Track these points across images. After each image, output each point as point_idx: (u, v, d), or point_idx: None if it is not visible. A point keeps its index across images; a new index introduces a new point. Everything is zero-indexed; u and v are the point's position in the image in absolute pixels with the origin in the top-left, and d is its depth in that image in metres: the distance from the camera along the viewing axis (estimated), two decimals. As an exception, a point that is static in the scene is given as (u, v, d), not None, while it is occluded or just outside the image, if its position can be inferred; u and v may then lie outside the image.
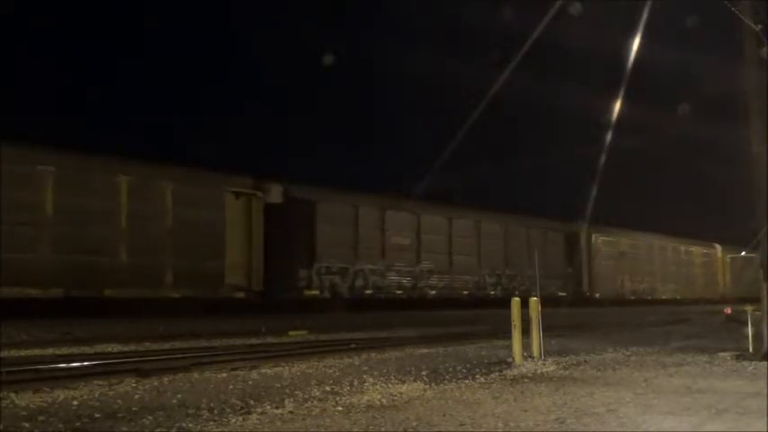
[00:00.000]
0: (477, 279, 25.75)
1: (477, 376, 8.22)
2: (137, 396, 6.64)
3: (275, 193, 19.88)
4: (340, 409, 6.02)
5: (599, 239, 32.17)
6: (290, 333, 14.85)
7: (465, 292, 25.08)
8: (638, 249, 35.02)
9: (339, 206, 21.49)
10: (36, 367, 8.63)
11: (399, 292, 22.96)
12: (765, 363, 9.23)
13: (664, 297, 36.24)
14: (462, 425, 5.31)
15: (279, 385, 7.29)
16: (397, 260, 22.91)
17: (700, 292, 38.08)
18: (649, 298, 35.10)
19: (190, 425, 5.37)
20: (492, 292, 25.94)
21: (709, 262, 40.66)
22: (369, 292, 22.06)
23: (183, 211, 17.63)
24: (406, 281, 23.18)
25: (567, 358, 10.13)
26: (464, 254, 25.18)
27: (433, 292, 24.02)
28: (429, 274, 23.81)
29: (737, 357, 10.10)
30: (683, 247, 38.53)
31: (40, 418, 5.59)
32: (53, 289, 15.46)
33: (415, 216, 23.62)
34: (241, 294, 19.08)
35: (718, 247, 40.74)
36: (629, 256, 34.08)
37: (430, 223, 24.05)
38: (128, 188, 16.82)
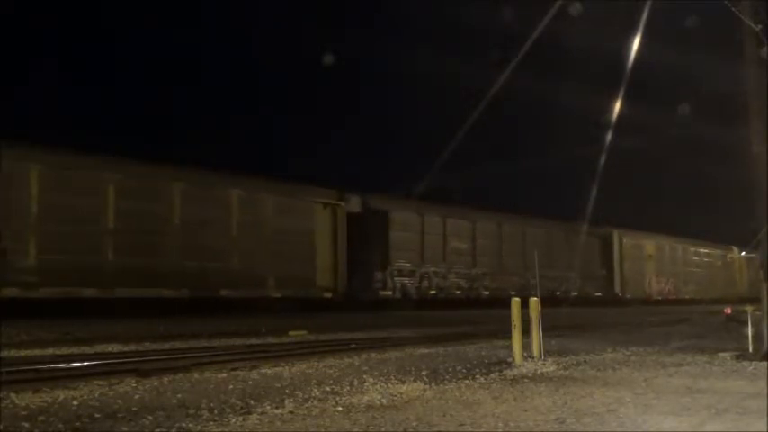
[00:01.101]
0: (523, 280, 27.42)
1: (477, 376, 8.22)
2: (137, 396, 6.64)
3: (354, 204, 22.37)
4: (340, 409, 6.02)
5: (628, 243, 34.24)
6: (290, 333, 14.85)
7: (513, 292, 26.52)
8: (663, 252, 37.20)
9: (408, 215, 23.97)
10: (36, 367, 8.63)
11: (458, 292, 25.28)
12: (765, 363, 9.22)
13: (686, 297, 37.66)
14: (462, 425, 5.31)
15: (279, 385, 7.29)
16: (456, 263, 25.31)
17: (719, 292, 38.79)
18: (673, 298, 36.77)
19: (190, 425, 5.37)
20: (533, 292, 26.60)
21: (728, 263, 42.40)
22: (432, 292, 24.32)
23: (281, 221, 20.06)
24: (463, 282, 25.52)
25: (567, 358, 10.13)
26: (511, 257, 27.53)
27: (486, 293, 26.24)
28: (483, 276, 26.16)
29: (737, 357, 10.09)
30: (702, 250, 40.38)
31: (40, 418, 5.59)
32: (182, 290, 17.68)
33: (470, 223, 26.19)
34: (329, 294, 21.31)
35: (736, 249, 41.89)
36: (654, 259, 36.21)
37: (483, 229, 26.66)
38: (238, 201, 19.18)
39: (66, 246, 15.75)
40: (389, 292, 23.05)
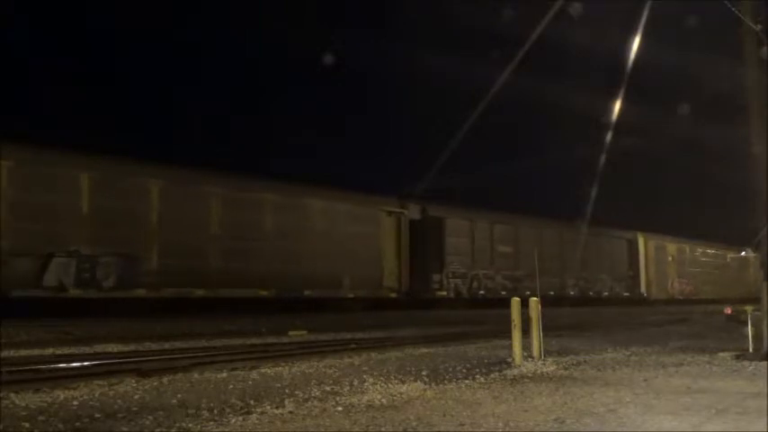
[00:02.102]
0: (560, 281, 29.93)
1: (478, 376, 8.21)
2: (137, 396, 6.64)
3: (414, 211, 24.51)
4: (340, 409, 6.01)
5: (652, 245, 36.16)
6: (290, 333, 14.86)
7: (551, 293, 28.62)
8: (684, 254, 39.11)
9: (460, 221, 25.86)
10: (36, 367, 8.63)
11: (503, 292, 26.66)
12: (765, 363, 9.22)
13: (705, 297, 38.61)
14: (462, 425, 5.31)
15: (279, 385, 7.28)
16: (502, 266, 27.32)
17: (734, 292, 39.29)
18: (694, 298, 38.11)
19: (190, 425, 5.37)
20: (571, 293, 30.62)
21: (743, 265, 43.16)
22: (482, 293, 26.35)
23: (353, 228, 22.15)
24: (508, 283, 27.41)
25: (567, 358, 10.12)
26: (550, 259, 29.23)
27: (528, 293, 27.97)
28: (525, 277, 27.51)
29: (737, 357, 10.09)
30: (718, 252, 42.01)
31: (40, 418, 5.59)
32: (273, 290, 19.64)
33: (514, 228, 28.12)
34: (394, 294, 23.31)
35: (750, 251, 42.59)
36: (676, 261, 38.23)
37: (525, 234, 28.49)
38: (318, 210, 21.35)
39: (180, 251, 17.68)
40: (445, 293, 24.93)
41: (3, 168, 14.80)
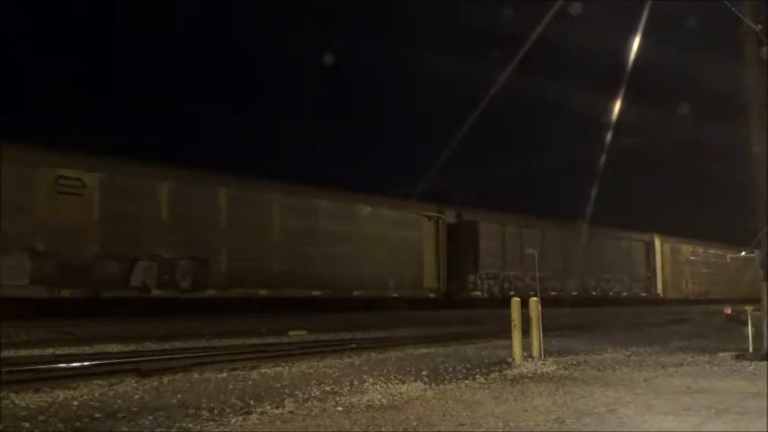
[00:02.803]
0: (582, 282, 31.65)
1: (478, 376, 8.21)
2: (137, 396, 6.64)
3: (450, 216, 26.07)
4: (340, 409, 6.01)
5: (667, 247, 37.76)
6: (290, 333, 14.86)
7: (574, 293, 30.58)
8: (697, 255, 40.68)
9: (492, 226, 27.46)
10: (36, 367, 8.64)
11: (531, 293, 26.37)
12: (765, 363, 9.22)
13: (716, 297, 39.45)
14: (462, 425, 5.31)
15: (279, 385, 7.28)
16: (530, 267, 28.03)
17: (743, 292, 39.72)
18: (704, 298, 39.17)
19: (190, 425, 5.37)
20: (593, 293, 32.27)
21: (746, 265, 43.42)
22: (512, 293, 26.73)
23: (397, 232, 23.87)
24: (535, 284, 27.44)
25: (567, 358, 10.12)
26: (573, 261, 31.10)
27: (554, 293, 29.34)
28: (550, 278, 29.04)
29: (737, 357, 10.09)
30: (728, 254, 42.71)
31: (40, 418, 5.59)
32: (326, 290, 21.25)
33: (540, 232, 29.73)
34: (433, 294, 24.76)
35: (750, 251, 43.24)
36: (690, 263, 39.91)
37: (551, 237, 30.23)
38: (367, 216, 23.00)
39: (246, 255, 19.17)
40: (479, 293, 26.47)
41: (95, 180, 16.45)
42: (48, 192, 15.70)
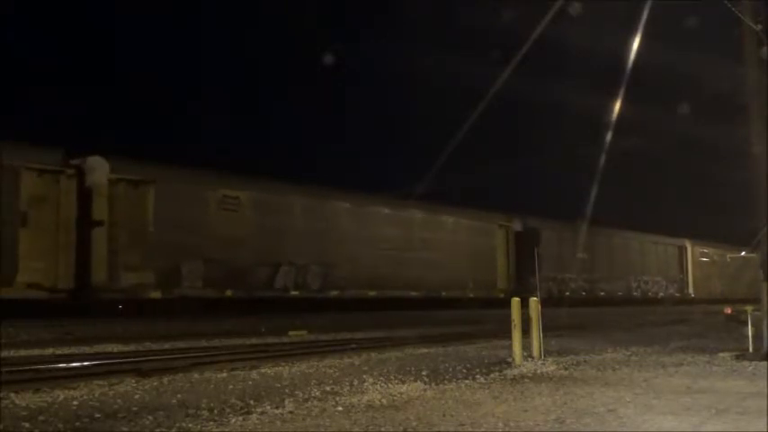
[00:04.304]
0: (626, 283, 34.79)
1: (478, 376, 8.21)
2: (137, 396, 6.64)
3: (517, 224, 28.81)
4: (340, 409, 6.01)
5: (696, 251, 40.60)
6: (290, 333, 14.85)
7: (619, 293, 33.97)
8: (722, 257, 43.05)
9: (551, 233, 29.90)
10: (36, 367, 8.63)
11: (583, 293, 31.59)
12: (765, 363, 9.22)
13: (737, 297, 40.26)
14: (462, 425, 5.31)
15: (279, 385, 7.28)
16: (582, 270, 31.43)
17: (752, 291, 40.21)
18: (728, 298, 40.70)
19: (190, 425, 5.37)
20: (635, 293, 35.35)
21: (748, 265, 44.57)
22: (567, 294, 30.11)
23: (474, 239, 26.84)
24: (586, 285, 32.07)
25: (568, 358, 10.12)
26: (618, 264, 34.25)
27: (602, 293, 32.93)
28: (599, 280, 32.65)
29: (737, 357, 10.09)
30: (748, 255, 43.85)
31: (40, 418, 5.59)
32: (420, 291, 24.20)
33: (591, 237, 31.57)
34: (503, 295, 26.11)
35: (749, 251, 44.19)
36: (717, 265, 42.57)
37: (599, 242, 32.81)
38: (451, 225, 25.98)
39: (361, 261, 22.11)
40: (540, 293, 26.95)
41: (248, 197, 19.47)
42: (215, 208, 18.71)
